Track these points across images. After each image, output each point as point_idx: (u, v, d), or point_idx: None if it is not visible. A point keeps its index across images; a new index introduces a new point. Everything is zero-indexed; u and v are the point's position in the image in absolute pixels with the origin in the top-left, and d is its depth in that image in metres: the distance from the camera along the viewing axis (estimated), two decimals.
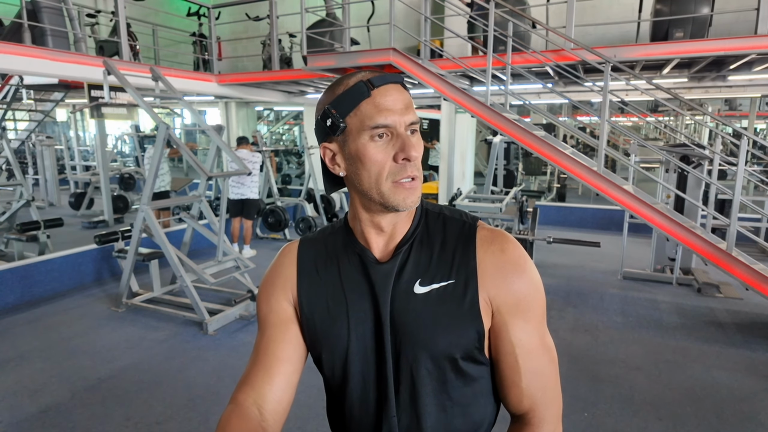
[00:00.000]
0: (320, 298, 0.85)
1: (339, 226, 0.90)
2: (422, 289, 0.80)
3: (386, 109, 0.74)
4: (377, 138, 0.75)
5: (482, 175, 9.01)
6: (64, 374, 3.13)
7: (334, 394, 0.88)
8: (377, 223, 0.82)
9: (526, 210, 5.45)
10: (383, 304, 0.80)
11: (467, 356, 0.80)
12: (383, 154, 0.75)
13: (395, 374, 0.81)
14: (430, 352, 0.79)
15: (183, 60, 8.05)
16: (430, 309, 0.78)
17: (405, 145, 0.74)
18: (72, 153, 11.72)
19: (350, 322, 0.82)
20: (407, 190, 0.76)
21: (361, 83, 0.75)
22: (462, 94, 4.40)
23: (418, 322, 0.79)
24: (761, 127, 16.51)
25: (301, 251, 0.90)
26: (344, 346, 0.82)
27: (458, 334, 0.78)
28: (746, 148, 3.39)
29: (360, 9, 6.32)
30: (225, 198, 4.38)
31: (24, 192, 5.94)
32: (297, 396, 2.93)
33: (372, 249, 0.84)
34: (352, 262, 0.84)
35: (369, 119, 0.74)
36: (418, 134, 0.78)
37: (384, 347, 0.80)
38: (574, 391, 2.92)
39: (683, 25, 4.51)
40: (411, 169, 0.75)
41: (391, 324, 0.80)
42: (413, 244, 0.83)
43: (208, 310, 3.93)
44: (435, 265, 0.81)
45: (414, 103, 0.83)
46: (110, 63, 3.89)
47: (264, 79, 6.34)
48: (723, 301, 4.43)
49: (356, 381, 0.83)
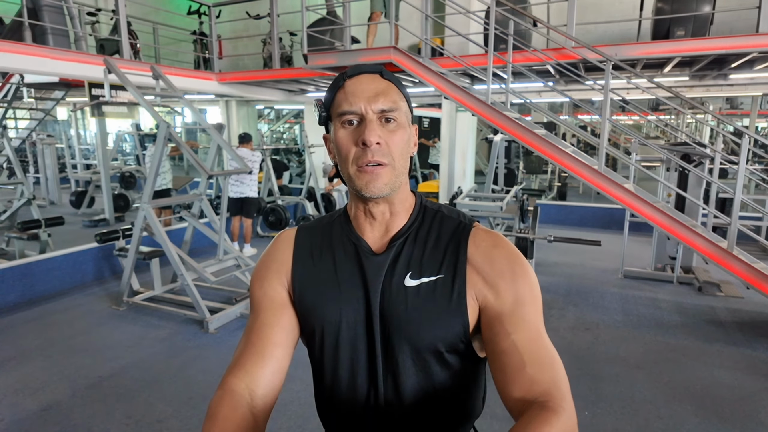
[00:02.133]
0: (313, 284, 0.86)
1: (338, 215, 0.92)
2: (412, 282, 0.81)
3: (353, 95, 0.78)
4: (347, 125, 0.79)
5: (483, 173, 9.00)
6: (65, 372, 3.13)
7: (322, 379, 0.89)
8: (369, 211, 0.84)
9: (527, 209, 5.44)
10: (373, 294, 0.82)
11: (452, 349, 0.81)
12: (348, 140, 0.79)
13: (383, 363, 0.82)
14: (416, 344, 0.80)
15: (183, 58, 8.05)
16: (419, 302, 0.80)
17: (364, 129, 0.77)
18: (73, 151, 11.73)
19: (342, 310, 0.83)
20: (368, 175, 0.78)
21: (339, 74, 0.82)
22: (463, 93, 4.40)
23: (406, 314, 0.80)
24: (762, 126, 16.48)
25: (297, 238, 0.92)
26: (335, 332, 0.84)
27: (444, 328, 0.79)
28: (747, 146, 3.38)
29: (360, 7, 6.31)
30: (225, 196, 4.38)
31: (25, 190, 5.95)
32: (297, 395, 2.90)
33: (367, 240, 0.85)
34: (348, 251, 0.86)
35: (338, 107, 0.80)
36: (396, 123, 0.80)
37: (374, 336, 0.82)
38: (574, 390, 2.90)
39: (684, 24, 4.50)
40: (372, 155, 0.77)
41: (380, 314, 0.81)
42: (407, 239, 0.84)
43: (209, 308, 3.93)
44: (426, 259, 0.82)
45: (414, 101, 0.83)
46: (111, 61, 3.89)
47: (264, 78, 6.33)
48: (724, 300, 4.42)
49: (345, 368, 0.84)
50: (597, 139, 4.13)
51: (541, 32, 4.72)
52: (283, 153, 12.81)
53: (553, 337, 0.83)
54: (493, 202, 5.37)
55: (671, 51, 4.30)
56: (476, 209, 5.10)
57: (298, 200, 7.19)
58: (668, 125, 8.66)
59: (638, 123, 16.57)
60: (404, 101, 0.82)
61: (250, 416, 0.77)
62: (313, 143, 7.57)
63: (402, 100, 0.82)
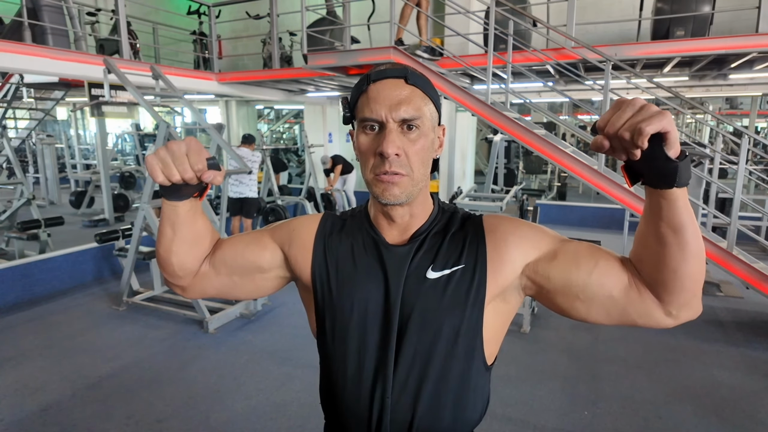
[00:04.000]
0: (330, 272, 0.87)
1: (359, 210, 0.93)
2: (434, 274, 0.82)
3: (375, 102, 0.77)
4: (368, 131, 0.79)
5: (483, 173, 9.01)
6: (65, 372, 3.13)
7: (328, 369, 0.89)
8: (387, 213, 0.85)
9: (527, 209, 5.43)
10: (395, 287, 0.82)
11: (469, 346, 0.82)
12: (368, 147, 0.79)
13: (397, 357, 0.82)
14: (435, 336, 0.81)
15: (183, 58, 8.05)
16: (440, 294, 0.81)
17: (383, 140, 0.76)
18: (72, 151, 11.72)
19: (354, 301, 0.84)
20: (384, 184, 0.78)
21: (363, 76, 0.81)
22: (462, 93, 4.40)
23: (426, 306, 0.81)
24: (762, 126, 16.48)
25: (323, 221, 0.93)
26: (345, 323, 0.84)
27: (462, 318, 0.81)
28: (747, 146, 3.38)
29: (360, 7, 6.31)
30: (225, 196, 4.38)
31: (24, 190, 5.94)
32: (297, 395, 2.90)
33: (386, 237, 0.87)
34: (367, 243, 0.87)
35: (360, 112, 0.80)
36: (418, 131, 0.79)
37: (390, 329, 0.82)
38: (574, 390, 2.93)
39: (684, 24, 4.51)
40: (390, 165, 0.77)
41: (401, 306, 0.82)
42: (429, 234, 0.86)
43: (209, 308, 3.94)
44: (446, 250, 0.84)
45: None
46: (110, 61, 3.89)
47: (264, 78, 6.33)
48: (723, 300, 4.43)
49: (352, 359, 0.84)
50: None
51: (540, 32, 4.72)
52: (282, 153, 12.81)
53: (554, 337, 0.84)
54: (493, 202, 5.37)
55: (671, 51, 4.30)
56: (476, 209, 5.10)
57: (298, 200, 7.18)
58: None
59: None
60: (430, 104, 0.81)
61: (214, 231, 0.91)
62: (313, 143, 7.57)
63: (427, 104, 0.80)
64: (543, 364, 3.27)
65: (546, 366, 3.24)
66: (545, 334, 3.69)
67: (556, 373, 3.13)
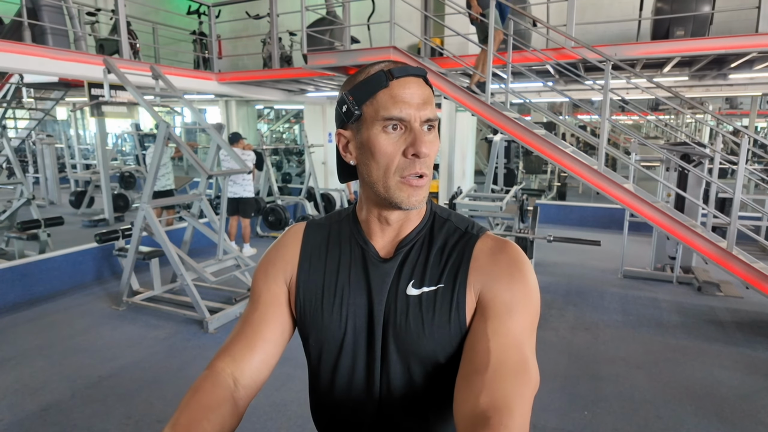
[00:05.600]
0: (317, 286, 0.85)
1: (346, 214, 0.90)
2: (414, 291, 0.79)
3: (402, 101, 0.73)
4: (390, 130, 0.74)
5: (482, 173, 9.00)
6: (65, 372, 3.13)
7: (319, 381, 0.88)
8: (385, 217, 0.81)
9: (527, 209, 5.44)
10: (377, 303, 0.80)
11: (451, 362, 0.78)
12: (393, 147, 0.74)
13: (381, 373, 0.81)
14: (415, 354, 0.79)
15: (183, 58, 8.05)
16: (419, 312, 0.78)
17: (416, 140, 0.73)
18: (72, 151, 11.72)
19: (346, 315, 0.82)
20: (413, 188, 0.75)
21: (381, 72, 0.74)
22: (462, 93, 4.40)
23: (406, 324, 0.78)
24: (762, 126, 16.49)
25: (306, 234, 0.90)
26: (338, 338, 0.82)
27: (442, 340, 0.77)
28: (747, 146, 3.38)
29: (360, 7, 6.31)
30: (225, 196, 4.38)
31: (24, 190, 5.94)
32: (297, 395, 2.89)
33: (375, 244, 0.84)
34: (354, 254, 0.84)
35: (384, 110, 0.73)
36: (435, 132, 0.77)
37: (374, 344, 0.81)
38: (574, 390, 2.93)
39: (684, 24, 4.51)
40: (420, 166, 0.74)
41: (383, 323, 0.80)
42: (414, 246, 0.83)
43: (209, 308, 3.93)
44: (429, 268, 0.80)
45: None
46: (110, 61, 3.89)
47: (264, 78, 6.33)
48: (723, 300, 4.43)
49: (344, 373, 0.83)
50: (596, 139, 4.13)
51: (540, 32, 4.72)
52: (282, 153, 12.81)
53: (553, 337, 0.83)
54: (493, 202, 5.37)
55: (671, 51, 4.30)
56: (476, 209, 5.11)
57: (297, 200, 7.18)
58: (668, 125, 8.67)
59: (638, 123, 16.58)
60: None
61: (230, 399, 0.77)
62: (313, 143, 7.57)
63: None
64: (543, 364, 3.24)
65: (546, 366, 3.24)
66: (545, 334, 3.68)
67: (556, 373, 3.13)
